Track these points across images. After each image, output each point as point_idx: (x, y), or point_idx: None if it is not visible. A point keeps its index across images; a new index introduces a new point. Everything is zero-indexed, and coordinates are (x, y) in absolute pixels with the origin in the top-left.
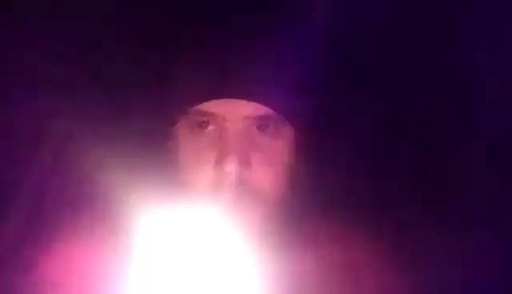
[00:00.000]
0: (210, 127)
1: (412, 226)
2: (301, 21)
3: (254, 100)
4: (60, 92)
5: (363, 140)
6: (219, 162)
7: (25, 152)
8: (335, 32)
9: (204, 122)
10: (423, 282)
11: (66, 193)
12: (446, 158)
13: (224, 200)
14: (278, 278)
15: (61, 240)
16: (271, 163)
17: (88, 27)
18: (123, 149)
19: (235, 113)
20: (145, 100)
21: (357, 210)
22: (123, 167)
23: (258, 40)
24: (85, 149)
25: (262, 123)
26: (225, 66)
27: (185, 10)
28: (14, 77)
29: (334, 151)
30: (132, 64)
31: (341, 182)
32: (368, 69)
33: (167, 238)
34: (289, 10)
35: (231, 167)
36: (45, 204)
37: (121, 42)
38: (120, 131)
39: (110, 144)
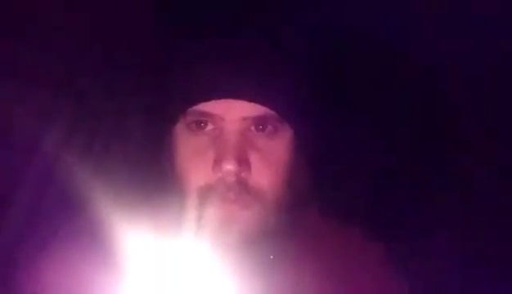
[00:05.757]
0: (209, 127)
1: (412, 227)
2: (300, 22)
3: (253, 101)
4: (60, 92)
5: (362, 139)
6: (218, 162)
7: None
8: (335, 32)
9: (202, 122)
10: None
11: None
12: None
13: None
14: (276, 280)
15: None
16: (269, 163)
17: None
18: (122, 149)
19: (234, 113)
20: (145, 100)
21: (356, 210)
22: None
23: (257, 40)
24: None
25: (260, 124)
26: (224, 66)
27: (185, 10)
28: (12, 77)
29: (333, 151)
30: (131, 64)
31: (339, 182)
32: (367, 70)
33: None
34: (289, 10)
35: (230, 167)
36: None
37: (121, 42)
38: (120, 131)
39: (108, 145)
